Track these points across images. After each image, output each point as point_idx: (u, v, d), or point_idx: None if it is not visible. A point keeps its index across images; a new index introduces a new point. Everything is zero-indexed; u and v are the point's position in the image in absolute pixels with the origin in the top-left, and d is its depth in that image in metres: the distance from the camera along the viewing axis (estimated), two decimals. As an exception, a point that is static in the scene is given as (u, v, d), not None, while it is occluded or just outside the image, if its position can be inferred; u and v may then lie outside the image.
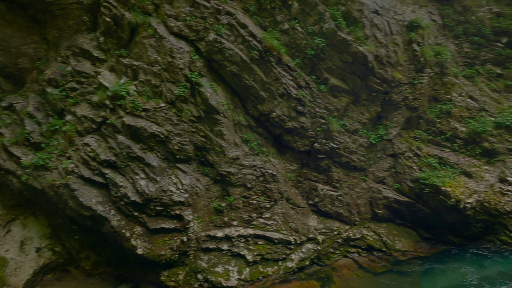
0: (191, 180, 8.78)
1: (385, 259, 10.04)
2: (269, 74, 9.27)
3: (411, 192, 10.76)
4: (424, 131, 11.56)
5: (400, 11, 10.97)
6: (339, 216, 10.39)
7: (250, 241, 9.04)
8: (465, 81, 12.12)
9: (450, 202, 10.18)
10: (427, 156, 11.01)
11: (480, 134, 11.21)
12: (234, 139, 9.22)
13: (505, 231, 10.80)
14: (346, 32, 9.70)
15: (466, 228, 10.74)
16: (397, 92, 10.65)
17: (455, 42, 12.70)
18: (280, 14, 9.61)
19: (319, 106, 9.90)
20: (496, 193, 10.78)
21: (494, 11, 12.85)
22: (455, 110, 11.53)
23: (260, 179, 9.41)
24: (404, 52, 10.62)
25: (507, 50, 12.63)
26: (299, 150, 10.09)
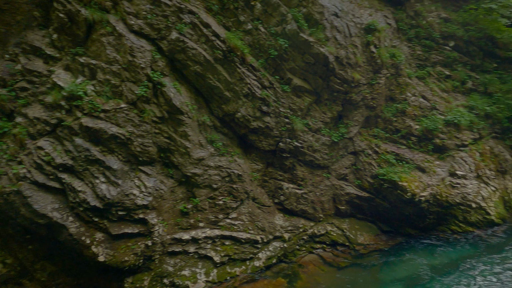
0: (155, 183, 8.55)
1: (348, 253, 10.41)
2: (233, 74, 9.26)
3: (371, 187, 11.26)
4: (382, 129, 12.14)
5: (358, 14, 11.42)
6: (304, 214, 10.61)
7: (217, 242, 8.98)
8: (418, 81, 12.89)
9: (406, 196, 10.78)
10: (385, 153, 11.57)
11: (432, 132, 11.98)
12: (199, 139, 9.10)
13: (455, 221, 11.64)
14: (308, 34, 9.93)
15: (421, 220, 11.43)
16: (357, 92, 11.08)
17: (408, 45, 13.45)
18: (243, 14, 9.63)
19: (283, 106, 10.05)
20: (447, 186, 11.59)
21: (442, 16, 13.80)
22: (410, 109, 12.23)
23: (226, 180, 9.37)
24: (363, 54, 11.08)
25: (454, 53, 13.62)
26: (264, 150, 10.18)
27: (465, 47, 13.75)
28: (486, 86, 13.59)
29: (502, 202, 12.50)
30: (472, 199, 11.57)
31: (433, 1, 13.99)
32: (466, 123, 12.35)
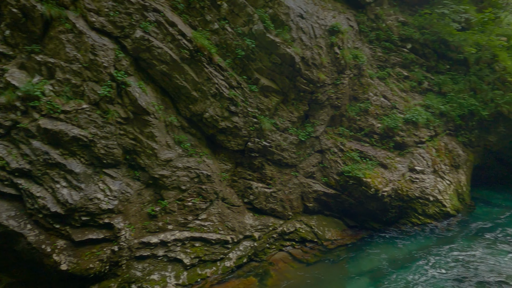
0: (120, 186, 8.27)
1: (317, 249, 10.67)
2: (201, 74, 9.17)
3: (337, 184, 11.61)
4: (347, 128, 12.56)
5: (322, 16, 11.72)
6: (273, 212, 10.74)
7: (187, 244, 8.85)
8: (379, 82, 13.46)
9: (370, 192, 11.23)
10: (350, 151, 11.98)
11: (392, 129, 12.57)
12: (166, 140, 8.92)
13: (415, 214, 12.30)
14: (274, 34, 10.05)
15: (384, 214, 11.97)
16: (322, 92, 11.37)
17: (370, 46, 14.00)
18: (210, 13, 9.56)
19: (251, 106, 10.10)
20: (407, 181, 12.22)
21: (400, 20, 14.50)
22: (372, 108, 12.75)
23: (195, 181, 9.26)
24: (327, 55, 11.39)
25: (411, 55, 14.36)
26: (233, 150, 10.17)
27: (421, 49, 14.53)
28: (440, 86, 14.45)
29: (456, 194, 13.39)
30: (429, 192, 12.30)
31: (392, 5, 14.67)
32: (423, 121, 13.09)
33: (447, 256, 10.16)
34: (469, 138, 14.60)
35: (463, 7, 14.64)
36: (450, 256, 10.14)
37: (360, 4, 13.80)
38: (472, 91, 14.42)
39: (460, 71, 14.80)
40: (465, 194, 13.97)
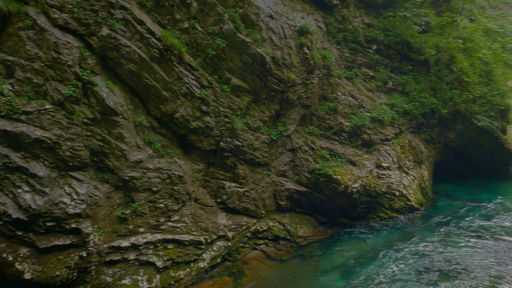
0: (88, 189, 7.98)
1: (290, 246, 10.84)
2: (171, 73, 9.04)
3: (308, 182, 11.84)
4: (317, 127, 12.84)
5: (291, 17, 11.91)
6: (246, 211, 10.78)
7: (159, 246, 8.69)
8: (347, 82, 13.88)
9: (340, 188, 11.56)
10: (320, 149, 12.27)
11: (360, 128, 13.01)
12: (136, 141, 8.72)
13: (382, 209, 12.80)
14: (245, 34, 10.09)
15: (354, 210, 12.36)
16: (293, 91, 11.56)
17: (337, 47, 14.39)
18: (179, 12, 9.44)
19: (223, 106, 10.08)
20: (374, 177, 12.69)
21: (365, 22, 15.01)
22: (340, 107, 13.12)
23: (167, 182, 9.12)
24: (297, 55, 11.59)
25: (377, 56, 14.91)
26: (205, 150, 10.10)
27: (385, 50, 15.13)
28: (403, 86, 15.11)
29: (420, 189, 14.08)
30: (395, 187, 12.85)
31: (358, 8, 15.16)
32: (388, 119, 13.65)
33: (412, 248, 10.66)
34: (430, 135, 15.41)
35: (424, 11, 15.41)
36: (415, 248, 10.66)
37: (327, 5, 14.16)
38: (432, 91, 15.22)
39: (422, 71, 15.56)
40: (428, 189, 14.73)
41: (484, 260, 9.82)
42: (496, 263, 9.60)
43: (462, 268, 9.41)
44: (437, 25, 16.15)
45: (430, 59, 15.41)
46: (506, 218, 12.98)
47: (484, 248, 10.52)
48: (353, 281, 9.02)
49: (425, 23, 15.75)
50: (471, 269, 9.35)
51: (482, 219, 12.91)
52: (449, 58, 15.75)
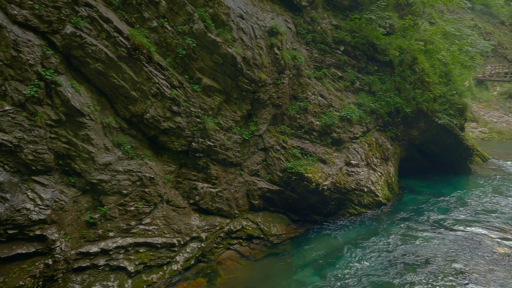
0: (53, 194, 7.64)
1: (263, 245, 10.92)
2: (140, 73, 8.84)
3: (281, 181, 12.00)
4: (288, 126, 13.04)
5: (261, 18, 12.02)
6: (220, 212, 10.74)
7: (130, 250, 8.47)
8: (316, 82, 14.19)
9: (312, 186, 11.81)
10: (292, 148, 12.46)
11: (330, 127, 13.35)
12: (104, 143, 8.45)
13: (352, 205, 13.20)
14: (215, 34, 10.07)
15: (325, 207, 12.66)
16: (264, 91, 11.67)
17: (307, 48, 14.69)
18: (148, 11, 9.26)
19: (194, 106, 9.99)
20: (344, 174, 13.06)
21: (333, 23, 15.42)
22: (311, 106, 13.40)
23: (137, 184, 8.91)
24: (268, 55, 11.71)
25: (344, 56, 15.37)
26: (176, 151, 9.97)
27: (352, 51, 15.62)
28: (370, 86, 15.68)
29: (386, 185, 14.66)
30: (364, 184, 13.30)
31: (326, 9, 15.55)
32: (356, 118, 14.11)
33: (379, 242, 11.09)
34: (396, 133, 16.09)
35: (387, 14, 16.06)
36: (382, 242, 11.10)
37: (296, 7, 14.40)
38: (397, 90, 15.90)
39: (387, 72, 16.21)
40: (394, 184, 15.37)
41: (445, 250, 10.40)
42: (455, 253, 10.20)
43: (426, 259, 9.92)
44: (400, 28, 16.91)
45: (394, 60, 16.09)
46: (464, 211, 13.82)
47: (445, 239, 11.15)
48: (325, 276, 9.25)
49: (389, 26, 16.42)
50: (433, 260, 9.87)
51: (443, 212, 13.67)
52: (412, 59, 16.53)
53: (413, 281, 8.84)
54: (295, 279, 9.26)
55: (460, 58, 18.80)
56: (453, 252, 10.29)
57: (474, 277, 8.91)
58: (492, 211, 13.65)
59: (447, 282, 8.79)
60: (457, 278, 8.91)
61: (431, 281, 8.85)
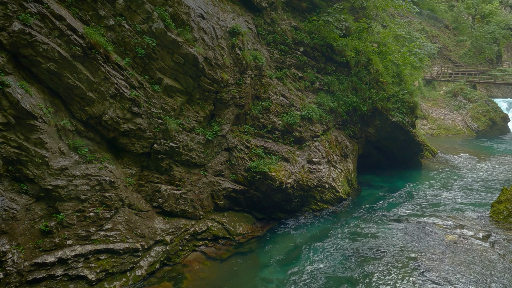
0: (3, 202, 7.13)
1: (229, 245, 10.95)
2: (97, 73, 8.49)
3: (245, 180, 12.09)
4: (251, 126, 13.15)
5: (222, 18, 12.01)
6: (184, 213, 10.61)
7: (90, 258, 8.12)
8: (278, 82, 14.45)
9: (276, 185, 12.02)
10: (255, 148, 12.60)
11: (292, 126, 13.65)
12: (59, 147, 8.02)
13: (314, 201, 13.60)
14: (176, 34, 9.92)
15: (289, 204, 12.94)
16: (226, 91, 11.68)
17: (268, 48, 14.90)
18: (103, 8, 8.91)
19: (155, 107, 9.78)
20: (306, 172, 13.42)
21: (293, 25, 15.77)
22: (273, 106, 13.62)
23: (97, 189, 8.55)
24: (229, 56, 11.74)
25: (304, 57, 15.77)
26: (138, 153, 9.70)
27: (311, 52, 16.08)
28: (329, 86, 16.24)
29: (346, 181, 15.28)
30: (325, 181, 13.76)
31: (285, 11, 15.87)
32: (317, 117, 14.56)
33: (341, 236, 11.56)
34: (354, 131, 16.80)
35: (343, 16, 16.72)
36: (343, 235, 11.58)
37: (257, 8, 14.56)
38: (354, 90, 16.62)
39: (344, 72, 16.88)
40: (353, 180, 16.05)
41: (400, 241, 11.07)
42: (410, 243, 10.89)
43: (383, 250, 10.49)
44: (356, 30, 17.67)
45: (351, 61, 16.80)
46: (416, 203, 14.79)
47: (401, 230, 11.86)
48: (290, 272, 9.47)
49: (345, 28, 17.10)
50: (390, 250, 10.47)
51: (398, 205, 14.53)
52: (367, 60, 17.36)
53: (372, 272, 9.32)
54: (261, 277, 9.39)
55: (410, 60, 20.05)
56: (408, 242, 10.98)
57: (427, 264, 9.57)
58: (441, 202, 14.73)
59: (403, 270, 9.37)
60: (412, 267, 9.53)
61: (388, 270, 9.38)
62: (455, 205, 14.25)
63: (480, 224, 12.05)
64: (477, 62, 47.23)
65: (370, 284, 8.78)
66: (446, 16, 49.92)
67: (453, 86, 38.95)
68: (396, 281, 8.86)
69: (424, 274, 9.11)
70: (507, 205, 12.49)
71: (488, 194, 15.54)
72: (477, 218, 12.64)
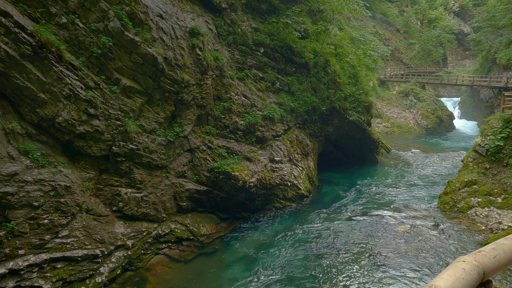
0: None
1: (193, 246, 10.90)
2: (49, 73, 8.10)
3: (208, 181, 12.08)
4: (213, 126, 13.16)
5: (181, 18, 11.91)
6: (146, 217, 10.40)
7: (46, 267, 7.73)
8: (239, 82, 14.57)
9: (239, 184, 12.13)
10: (218, 148, 12.63)
11: (253, 126, 13.84)
12: (8, 151, 7.55)
13: (277, 199, 13.89)
14: (134, 33, 9.71)
15: (252, 203, 13.11)
16: (187, 92, 11.60)
17: (228, 49, 14.98)
18: (55, 5, 8.51)
19: (113, 108, 9.50)
20: (269, 170, 13.67)
21: (253, 26, 15.98)
22: (234, 106, 13.72)
23: (51, 194, 8.15)
24: (190, 56, 11.67)
25: (264, 58, 16.04)
26: (95, 156, 9.36)
27: (271, 53, 16.39)
28: (289, 86, 16.64)
29: (307, 178, 15.75)
30: (287, 179, 14.10)
31: (245, 12, 16.03)
32: (278, 117, 14.87)
33: (302, 231, 11.93)
34: (314, 130, 17.36)
35: (302, 19, 17.22)
36: (305, 231, 11.96)
37: (216, 8, 14.58)
38: (313, 90, 17.17)
39: (303, 73, 17.38)
40: (314, 177, 16.59)
41: (359, 233, 11.65)
42: (368, 235, 11.50)
43: (343, 242, 10.99)
44: (314, 32, 18.26)
45: (310, 62, 17.34)
46: (372, 197, 15.60)
47: (359, 223, 12.48)
48: (255, 270, 9.63)
49: (304, 30, 17.61)
50: (349, 242, 11.00)
51: (356, 199, 15.24)
52: (325, 61, 18.01)
53: (332, 264, 9.73)
54: (226, 276, 9.46)
55: (365, 61, 21.09)
56: (366, 234, 11.58)
57: (383, 253, 10.17)
58: (395, 195, 15.66)
59: (362, 261, 9.88)
60: (370, 257, 10.08)
61: (348, 262, 9.85)
62: (407, 198, 15.22)
63: (429, 215, 12.99)
64: (426, 64, 50.57)
65: (331, 276, 9.17)
66: (397, 20, 52.95)
67: (405, 86, 41.41)
68: (355, 271, 9.33)
69: (381, 262, 9.68)
70: (452, 196, 13.58)
71: (436, 187, 16.75)
72: (426, 209, 13.61)
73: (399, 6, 56.60)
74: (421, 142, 30.71)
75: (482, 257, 1.32)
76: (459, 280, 1.17)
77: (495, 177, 13.22)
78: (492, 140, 13.64)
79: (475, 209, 12.53)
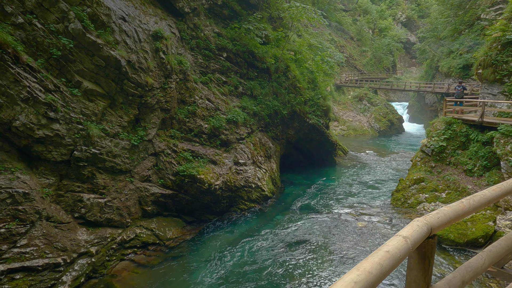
0: None
1: (160, 250, 10.82)
2: (5, 75, 7.75)
3: (173, 184, 12.06)
4: (178, 130, 13.16)
5: (144, 21, 11.85)
6: (110, 222, 10.17)
7: (3, 279, 7.34)
8: (203, 86, 14.70)
9: (204, 187, 12.24)
10: (183, 151, 12.65)
11: (218, 129, 14.03)
12: (-40, 157, 7.11)
13: (242, 201, 14.16)
14: (96, 35, 9.54)
15: (217, 205, 13.27)
16: (151, 95, 11.54)
17: (192, 53, 15.06)
18: (10, 4, 8.17)
19: (74, 111, 9.25)
20: (234, 173, 13.92)
21: (215, 31, 16.19)
22: (199, 110, 13.83)
23: (8, 202, 7.76)
24: (153, 59, 11.63)
25: (227, 62, 16.31)
26: (55, 161, 9.03)
27: (234, 58, 16.70)
28: (251, 90, 17.04)
29: (271, 180, 16.21)
30: (252, 181, 14.44)
31: (208, 17, 16.21)
32: (241, 120, 15.19)
33: (266, 231, 12.31)
34: (276, 133, 17.89)
35: (263, 25, 17.74)
36: (268, 230, 12.35)
37: (179, 12, 14.62)
38: (274, 94, 17.72)
39: (265, 78, 17.88)
40: (277, 179, 17.09)
41: (320, 231, 12.26)
42: (328, 232, 12.14)
43: (305, 240, 11.52)
44: (274, 38, 18.87)
45: (271, 67, 17.89)
46: (332, 196, 16.42)
47: (319, 221, 13.12)
48: (222, 271, 9.80)
49: (265, 36, 18.15)
50: (311, 240, 11.55)
51: (316, 199, 15.95)
52: (285, 67, 18.67)
53: (296, 261, 10.19)
54: (193, 280, 9.53)
55: (322, 67, 22.11)
56: (326, 231, 12.21)
57: (343, 248, 10.82)
58: (353, 194, 16.61)
59: (324, 256, 10.44)
60: (331, 252, 10.68)
61: (310, 257, 10.36)
62: (364, 196, 16.22)
63: (383, 211, 13.97)
64: (377, 70, 53.78)
65: (296, 272, 9.60)
66: (351, 28, 55.84)
67: (359, 91, 43.75)
68: (317, 266, 9.85)
69: (341, 256, 10.31)
70: (403, 193, 14.71)
71: (389, 185, 18.00)
72: (381, 206, 14.61)
73: (352, 15, 59.66)
74: (375, 143, 32.61)
75: (429, 218, 1.90)
76: (415, 231, 1.61)
77: (439, 174, 14.54)
78: (436, 141, 15.00)
79: (423, 204, 13.70)
